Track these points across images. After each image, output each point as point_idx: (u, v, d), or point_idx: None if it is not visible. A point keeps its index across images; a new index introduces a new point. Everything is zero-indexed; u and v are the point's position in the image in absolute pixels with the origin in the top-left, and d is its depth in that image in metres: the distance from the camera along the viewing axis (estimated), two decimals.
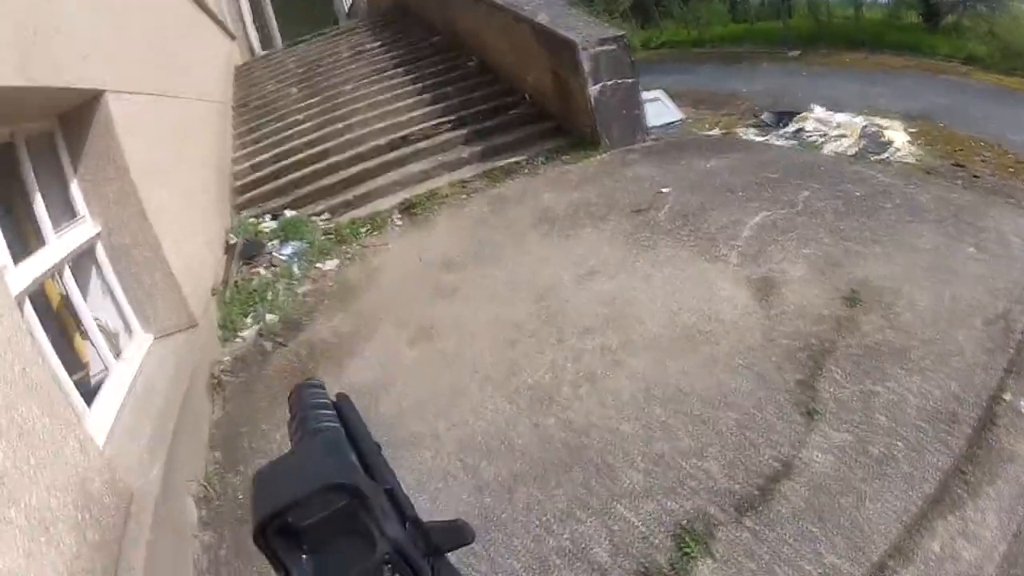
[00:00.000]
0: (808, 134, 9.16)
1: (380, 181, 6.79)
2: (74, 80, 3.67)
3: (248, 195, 7.23)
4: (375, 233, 6.07)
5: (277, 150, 7.81)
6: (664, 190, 5.43)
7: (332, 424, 0.58)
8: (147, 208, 4.28)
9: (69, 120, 4.04)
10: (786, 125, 9.77)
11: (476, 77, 8.53)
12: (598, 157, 6.61)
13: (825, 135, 8.97)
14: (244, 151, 8.16)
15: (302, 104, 8.71)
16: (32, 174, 3.72)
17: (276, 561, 0.46)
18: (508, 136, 7.22)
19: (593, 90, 6.59)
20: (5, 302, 2.32)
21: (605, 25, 7.24)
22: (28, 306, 3.04)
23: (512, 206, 5.89)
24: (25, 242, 3.76)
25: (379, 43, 10.23)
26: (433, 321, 4.29)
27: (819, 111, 9.61)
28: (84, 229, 4.08)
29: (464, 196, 6.35)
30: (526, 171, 6.64)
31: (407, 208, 6.30)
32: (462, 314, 4.30)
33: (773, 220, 4.50)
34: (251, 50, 14.46)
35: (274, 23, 15.72)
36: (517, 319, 4.03)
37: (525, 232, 5.26)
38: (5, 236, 3.07)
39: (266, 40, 15.63)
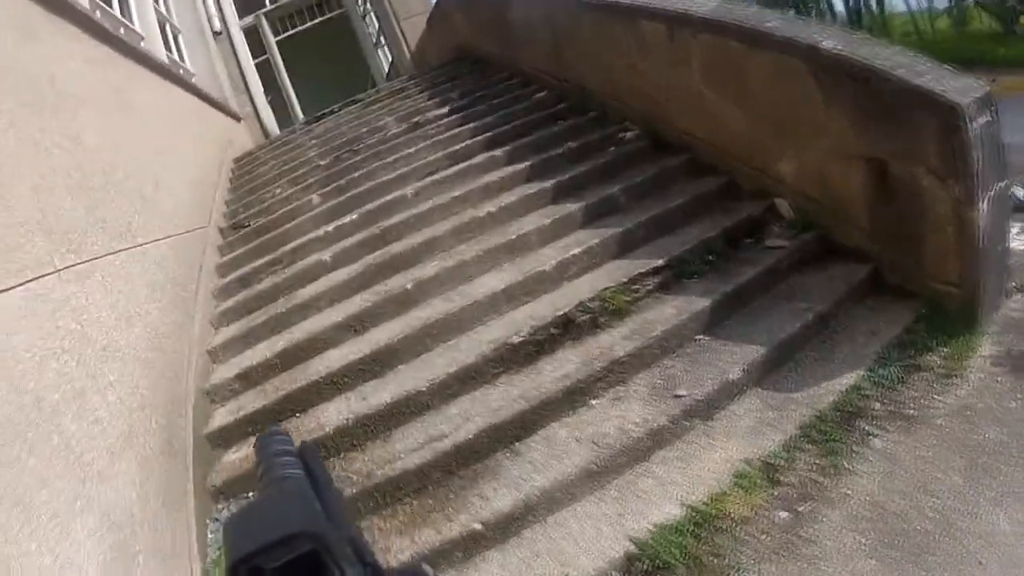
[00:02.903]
0: None
1: (543, 456, 2.70)
2: None
3: (232, 458, 3.24)
4: None
5: (287, 339, 3.83)
6: None
7: (296, 472, 0.58)
8: None
9: None
10: None
11: (649, 162, 4.52)
12: (987, 354, 2.86)
13: None
14: (227, 333, 4.21)
15: (330, 228, 4.77)
16: None
17: None
18: (790, 304, 3.18)
19: (981, 209, 2.62)
20: None
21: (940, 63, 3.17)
22: None
23: None
24: None
25: (446, 107, 6.35)
26: None
27: None
28: None
29: (798, 538, 2.25)
30: (880, 407, 2.74)
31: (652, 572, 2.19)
32: None
33: None
34: (264, 131, 10.87)
35: (292, 93, 12.19)
36: None
37: None
38: None
39: (284, 116, 12.09)
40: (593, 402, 3.00)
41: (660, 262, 3.51)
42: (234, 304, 4.47)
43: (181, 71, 8.05)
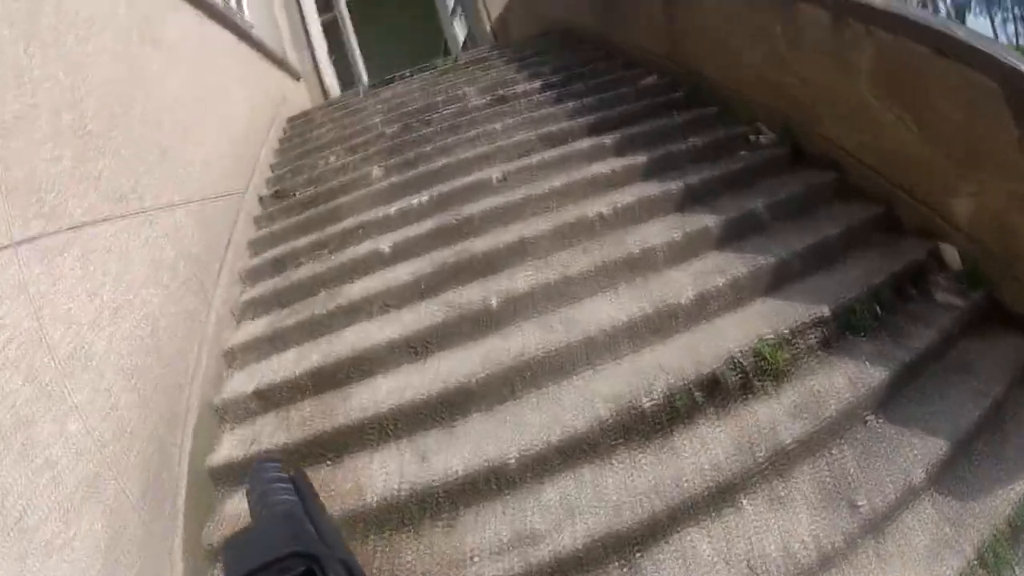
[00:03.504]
0: None
1: None
2: None
3: (238, 509, 2.39)
4: None
5: (324, 352, 2.95)
6: None
7: (290, 497, 0.58)
8: None
9: None
10: None
11: (789, 174, 3.59)
12: None
13: None
14: (251, 330, 3.35)
15: (392, 209, 3.88)
16: None
17: None
18: (962, 380, 2.39)
19: None
20: None
21: None
22: None
23: None
24: None
25: (537, 82, 5.40)
26: None
27: None
28: None
29: None
30: None
31: None
32: None
33: None
34: (324, 91, 10.08)
35: (358, 56, 11.37)
36: None
37: None
38: None
39: (348, 78, 11.28)
40: (745, 503, 2.08)
41: (825, 310, 2.56)
42: (264, 293, 3.61)
43: (237, 19, 7.26)
